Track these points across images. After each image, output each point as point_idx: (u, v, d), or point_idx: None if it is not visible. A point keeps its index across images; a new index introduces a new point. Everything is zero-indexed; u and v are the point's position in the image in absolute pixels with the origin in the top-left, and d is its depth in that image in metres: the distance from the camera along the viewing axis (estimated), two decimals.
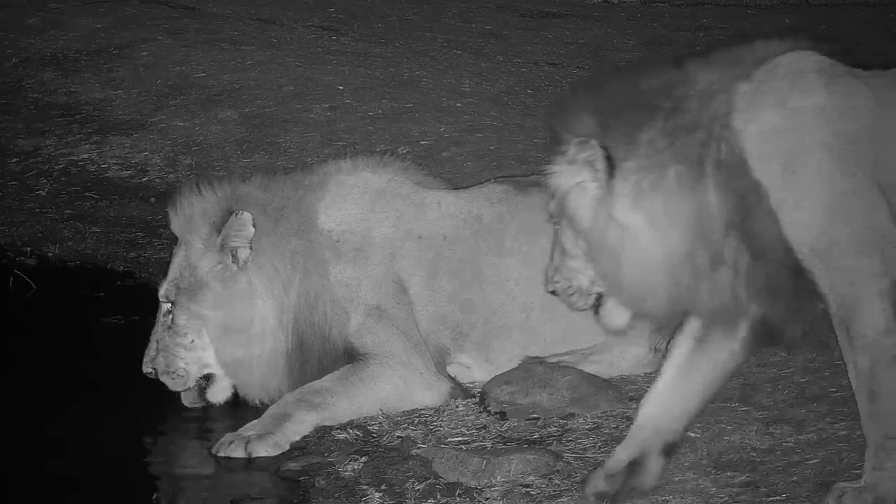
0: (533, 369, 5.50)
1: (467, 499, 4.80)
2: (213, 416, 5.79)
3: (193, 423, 5.77)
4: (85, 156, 9.15)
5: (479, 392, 5.58)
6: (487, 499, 4.78)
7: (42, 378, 6.12)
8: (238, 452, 5.39)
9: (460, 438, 5.26)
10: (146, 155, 9.07)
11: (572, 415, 5.35)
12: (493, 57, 10.79)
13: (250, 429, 5.47)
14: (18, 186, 8.85)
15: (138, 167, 8.95)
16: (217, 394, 5.80)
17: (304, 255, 5.70)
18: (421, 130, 8.94)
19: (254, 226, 5.65)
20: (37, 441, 5.55)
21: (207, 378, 5.77)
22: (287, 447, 5.43)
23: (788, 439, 4.89)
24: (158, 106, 9.80)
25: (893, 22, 12.02)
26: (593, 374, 5.53)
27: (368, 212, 5.77)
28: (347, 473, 5.12)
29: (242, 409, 5.74)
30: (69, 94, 10.18)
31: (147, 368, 5.75)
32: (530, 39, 11.54)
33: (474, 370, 5.77)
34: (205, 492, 5.30)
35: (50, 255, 7.87)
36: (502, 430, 5.31)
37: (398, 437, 5.32)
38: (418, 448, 5.18)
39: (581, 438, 5.17)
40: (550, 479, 4.84)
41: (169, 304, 5.74)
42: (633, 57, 10.69)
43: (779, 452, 4.82)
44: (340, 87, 9.79)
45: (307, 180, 5.87)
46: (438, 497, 4.83)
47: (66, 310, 7.06)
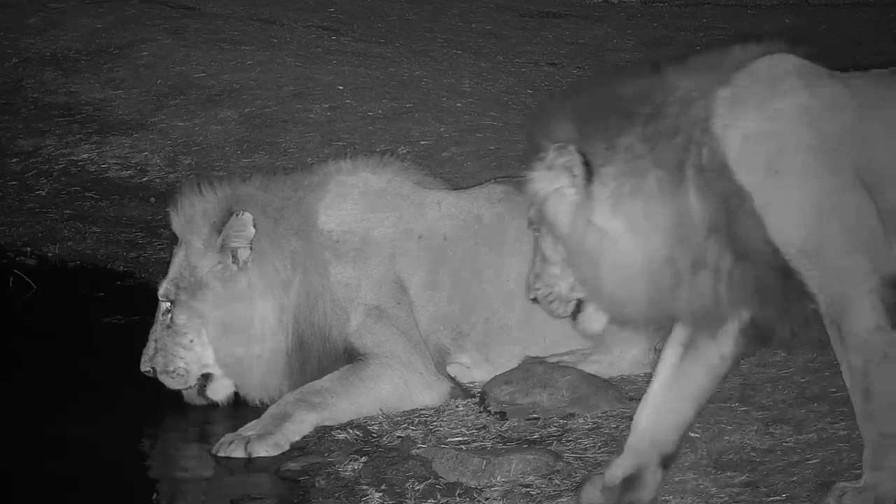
0: (533, 369, 5.50)
1: (467, 499, 4.80)
2: (212, 416, 5.79)
3: (193, 424, 5.77)
4: (85, 156, 9.15)
5: (479, 392, 5.58)
6: (487, 499, 4.78)
7: (42, 378, 6.11)
8: (238, 452, 5.39)
9: (460, 438, 5.26)
10: (146, 155, 9.07)
11: (572, 415, 5.35)
12: (493, 57, 10.79)
13: (250, 429, 5.47)
14: (18, 186, 8.85)
15: (138, 167, 8.94)
16: (218, 392, 5.80)
17: (304, 256, 5.70)
18: (421, 130, 8.93)
19: (254, 226, 5.65)
20: (37, 441, 5.55)
21: (206, 377, 5.77)
22: (287, 447, 5.43)
23: (788, 439, 4.89)
24: (158, 106, 9.79)
25: (893, 22, 12.01)
26: (593, 374, 5.53)
27: (368, 212, 5.77)
28: (347, 473, 5.12)
29: (242, 409, 5.74)
30: (69, 94, 10.18)
31: (145, 367, 5.75)
32: (530, 39, 11.54)
33: (474, 370, 5.77)
34: (205, 492, 5.30)
35: (50, 255, 7.87)
36: (502, 430, 5.31)
37: (398, 437, 5.32)
38: (418, 448, 5.18)
39: (581, 438, 5.16)
40: (550, 479, 4.84)
41: (168, 304, 5.74)
42: (633, 57, 10.69)
43: (779, 452, 4.82)
44: (340, 87, 9.79)
45: (307, 180, 5.87)
46: (438, 497, 4.83)
47: (66, 310, 7.06)
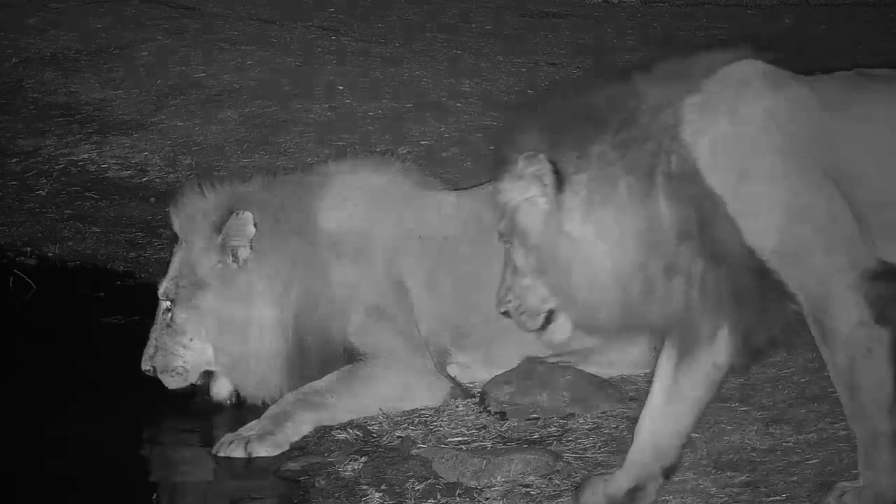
0: (533, 369, 5.50)
1: (467, 499, 4.79)
2: (212, 417, 5.79)
3: (193, 423, 5.77)
4: (85, 156, 9.14)
5: (479, 392, 5.57)
6: (487, 499, 4.78)
7: (42, 378, 6.11)
8: (238, 452, 5.39)
9: (460, 438, 5.26)
10: (146, 155, 9.07)
11: (572, 415, 5.34)
12: (493, 57, 10.78)
13: (250, 429, 5.47)
14: (18, 186, 8.85)
15: (138, 167, 8.94)
16: (221, 391, 5.80)
17: (305, 255, 5.70)
18: (421, 130, 8.93)
19: (255, 225, 5.65)
20: (37, 441, 5.54)
21: (208, 374, 5.77)
22: (287, 447, 5.42)
23: (788, 439, 4.89)
24: (158, 106, 9.79)
25: (893, 22, 12.01)
26: (593, 374, 5.53)
27: (369, 212, 5.76)
28: (347, 473, 5.12)
29: (242, 410, 5.74)
30: (69, 94, 10.18)
31: (146, 366, 5.75)
32: (530, 39, 11.54)
33: (474, 370, 5.76)
34: (205, 492, 5.30)
35: (50, 255, 7.86)
36: (502, 430, 5.31)
37: (398, 437, 5.31)
38: (418, 448, 5.18)
39: (581, 438, 5.16)
40: (550, 479, 4.84)
41: (168, 303, 5.74)
42: (634, 57, 10.68)
43: (779, 452, 4.81)
44: (340, 87, 9.79)
45: (307, 180, 5.87)
46: (438, 497, 4.82)
47: (66, 310, 7.06)
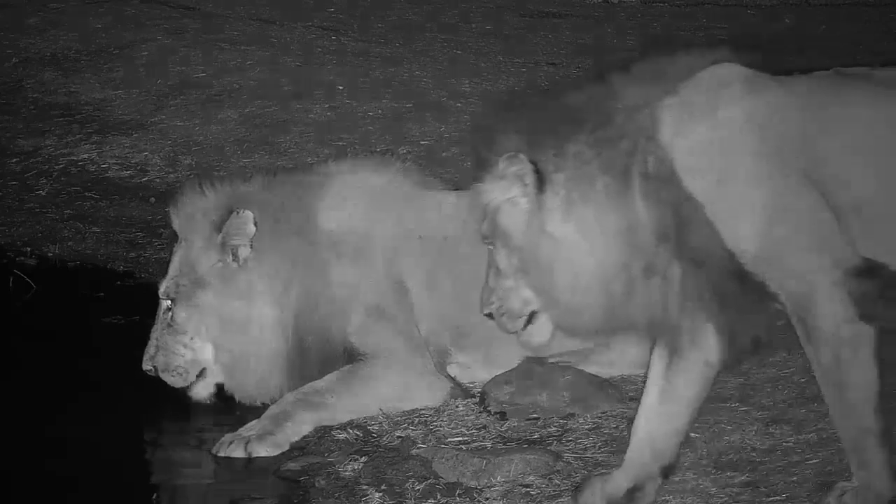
0: (533, 369, 5.50)
1: (467, 499, 4.79)
2: (212, 416, 5.79)
3: (193, 423, 5.77)
4: (85, 156, 9.14)
5: (479, 392, 5.57)
6: (487, 499, 4.77)
7: (42, 378, 6.11)
8: (238, 452, 5.39)
9: (460, 438, 5.26)
10: (146, 155, 9.07)
11: (572, 415, 5.34)
12: (493, 57, 10.78)
13: (250, 429, 5.46)
14: (18, 186, 8.85)
15: (138, 167, 8.94)
16: (200, 391, 5.79)
17: (305, 255, 5.69)
18: (421, 130, 8.94)
19: (255, 224, 5.65)
20: (37, 441, 5.54)
21: (200, 373, 5.77)
22: (287, 447, 5.42)
23: (788, 439, 4.89)
24: (158, 106, 9.80)
25: (893, 22, 12.01)
26: (593, 374, 5.53)
27: (369, 212, 5.76)
28: (347, 473, 5.12)
29: (242, 409, 5.74)
30: (69, 94, 10.18)
31: (146, 366, 5.75)
32: (530, 39, 11.54)
33: (474, 370, 5.76)
34: (205, 492, 5.30)
35: (50, 255, 7.86)
36: (502, 430, 5.30)
37: (398, 437, 5.31)
38: (418, 448, 5.18)
39: (581, 438, 5.16)
40: (550, 479, 4.83)
41: (169, 302, 5.74)
42: (634, 57, 10.68)
43: (779, 452, 4.81)
44: (340, 87, 9.80)
45: (307, 180, 5.86)
46: (438, 497, 4.82)
47: (66, 310, 7.06)
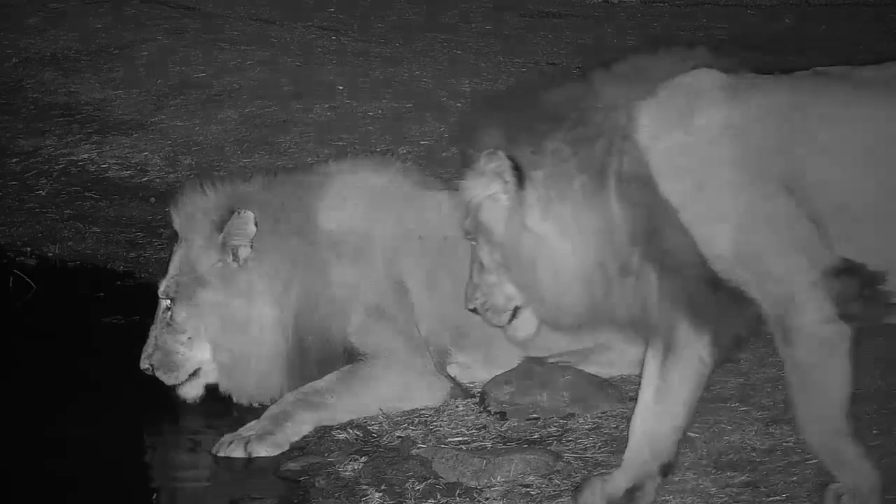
0: (533, 369, 5.50)
1: (467, 499, 4.79)
2: (212, 417, 5.79)
3: (193, 424, 5.77)
4: (85, 156, 9.15)
5: (479, 392, 5.57)
6: (487, 499, 4.77)
7: (42, 378, 6.11)
8: (238, 452, 5.39)
9: (460, 438, 5.26)
10: (146, 155, 9.07)
11: (572, 415, 5.34)
12: (493, 57, 10.79)
13: (250, 429, 5.46)
14: (18, 186, 8.85)
15: (138, 167, 8.94)
16: (190, 391, 5.79)
17: (305, 255, 5.69)
18: (421, 130, 8.93)
19: (255, 224, 5.65)
20: (37, 441, 5.54)
21: (194, 373, 5.77)
22: (287, 447, 5.42)
23: (788, 439, 4.89)
24: (158, 106, 9.80)
25: (893, 22, 12.01)
26: (593, 374, 5.53)
27: (369, 212, 5.76)
28: (347, 473, 5.12)
29: (242, 409, 5.74)
30: (69, 94, 10.18)
31: (144, 364, 5.75)
32: (530, 39, 11.54)
33: (474, 370, 5.76)
34: (205, 492, 5.30)
35: (50, 255, 7.86)
36: (502, 430, 5.30)
37: (398, 437, 5.31)
38: (418, 448, 5.18)
39: (581, 438, 5.16)
40: (550, 479, 4.83)
41: (168, 301, 5.74)
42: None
43: (779, 452, 4.81)
44: (340, 87, 9.80)
45: (308, 180, 5.86)
46: (438, 497, 4.82)
47: (66, 310, 7.06)
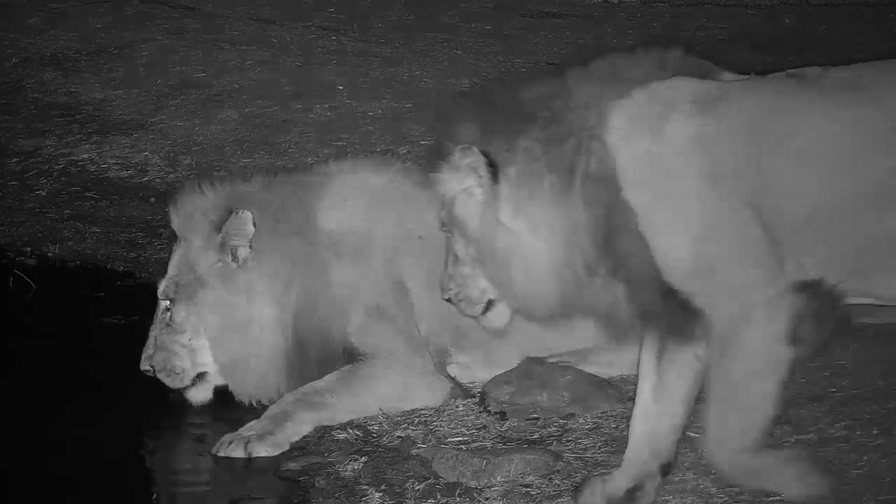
0: (533, 369, 5.50)
1: (467, 499, 4.79)
2: (212, 416, 5.79)
3: (193, 424, 5.77)
4: (85, 156, 9.14)
5: (479, 392, 5.57)
6: (487, 499, 4.78)
7: (42, 378, 6.11)
8: (238, 452, 5.39)
9: (460, 438, 5.26)
10: (146, 155, 9.07)
11: (572, 415, 5.34)
12: (493, 57, 10.78)
13: (250, 429, 5.46)
14: (18, 186, 8.85)
15: (138, 167, 8.94)
16: (197, 394, 5.79)
17: (304, 255, 5.69)
18: (421, 130, 8.93)
19: (254, 225, 5.65)
20: (37, 441, 5.54)
21: (200, 376, 5.77)
22: (287, 447, 5.42)
23: (788, 439, 4.89)
24: (158, 106, 9.80)
25: (893, 22, 12.01)
26: (593, 374, 5.53)
27: (369, 212, 5.76)
28: (347, 473, 5.12)
29: (242, 409, 5.74)
30: (69, 94, 10.18)
31: (145, 366, 5.75)
32: (530, 39, 11.54)
33: (474, 370, 5.76)
34: (204, 492, 5.30)
35: (50, 255, 7.86)
36: (502, 430, 5.31)
37: (398, 437, 5.31)
38: (418, 448, 5.18)
39: (581, 438, 5.16)
40: (550, 479, 4.84)
41: (168, 302, 5.74)
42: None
43: None
44: (340, 87, 9.80)
45: (307, 180, 5.86)
46: (438, 497, 4.82)
47: (66, 310, 7.06)
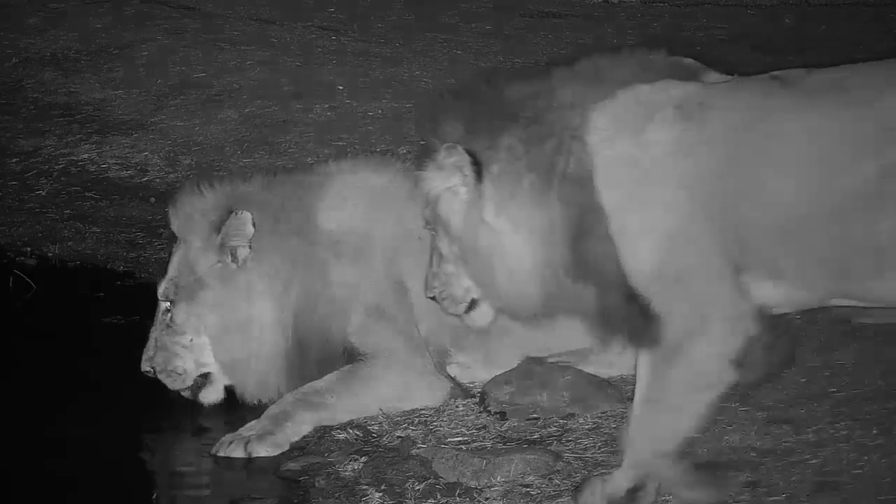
0: (533, 369, 5.50)
1: (467, 499, 4.79)
2: (212, 416, 5.79)
3: (193, 424, 5.77)
4: (85, 156, 9.14)
5: (479, 392, 5.57)
6: (487, 499, 4.78)
7: (42, 378, 6.11)
8: (238, 452, 5.39)
9: (460, 438, 5.26)
10: (146, 155, 9.06)
11: (572, 415, 5.34)
12: (493, 57, 10.78)
13: (250, 429, 5.46)
14: (18, 186, 8.85)
15: (138, 167, 8.94)
16: (209, 395, 5.79)
17: (304, 255, 5.69)
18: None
19: (253, 225, 5.65)
20: (37, 441, 5.54)
21: (204, 377, 5.77)
22: (287, 447, 5.42)
23: (788, 439, 4.89)
24: (158, 106, 9.79)
25: (893, 22, 12.00)
26: (593, 374, 5.53)
27: (369, 212, 5.76)
28: (347, 473, 5.12)
29: (242, 409, 5.74)
30: (69, 94, 10.18)
31: (145, 367, 5.75)
32: (530, 39, 11.53)
33: (474, 370, 5.76)
34: (205, 492, 5.30)
35: (50, 255, 7.86)
36: (502, 430, 5.30)
37: (398, 437, 5.31)
38: (418, 448, 5.18)
39: (581, 438, 5.16)
40: (550, 479, 4.83)
41: (168, 303, 5.74)
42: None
43: (779, 452, 4.81)
44: (340, 87, 9.79)
45: (307, 180, 5.86)
46: (438, 497, 4.82)
47: (66, 310, 7.06)
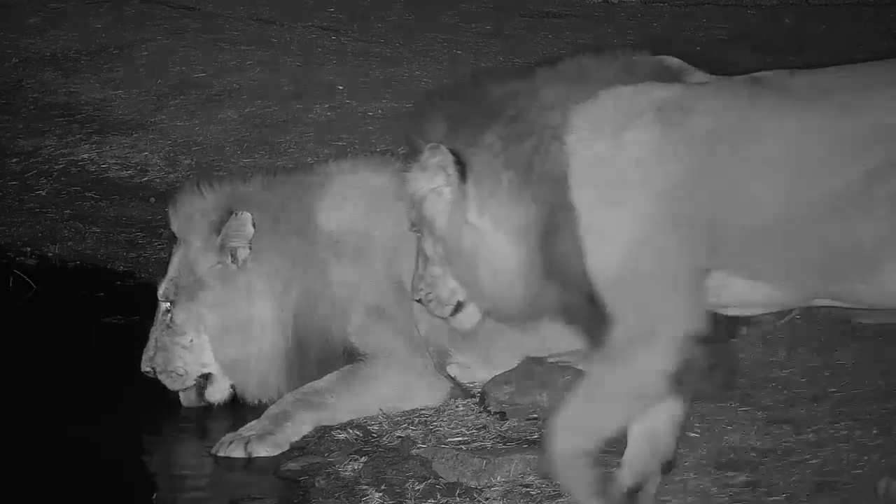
0: (533, 369, 5.50)
1: (467, 499, 4.79)
2: (212, 416, 5.79)
3: (193, 423, 5.77)
4: (85, 156, 9.14)
5: (479, 392, 5.57)
6: (487, 499, 4.77)
7: (42, 378, 6.11)
8: (238, 452, 5.39)
9: (460, 438, 5.26)
10: (146, 155, 9.06)
11: None
12: (493, 57, 10.78)
13: (250, 429, 5.47)
14: (18, 186, 8.84)
15: (138, 167, 8.94)
16: (215, 393, 5.80)
17: (304, 255, 5.69)
18: None
19: (253, 225, 5.65)
20: (37, 441, 5.54)
21: (206, 377, 5.78)
22: (287, 447, 5.42)
23: (788, 439, 4.89)
24: (158, 106, 9.79)
25: (893, 22, 12.00)
26: None
27: (369, 212, 5.76)
28: (347, 473, 5.12)
29: (242, 409, 5.74)
30: (69, 94, 10.18)
31: (145, 367, 5.75)
32: (530, 39, 11.53)
33: (474, 370, 5.76)
34: (205, 492, 5.30)
35: (50, 255, 7.86)
36: (502, 430, 5.30)
37: (398, 437, 5.31)
38: (418, 448, 5.18)
39: None
40: (550, 479, 4.83)
41: (168, 304, 5.74)
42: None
43: (779, 452, 4.81)
44: (340, 87, 9.79)
45: (307, 180, 5.86)
46: (438, 497, 4.82)
47: (66, 310, 7.06)
